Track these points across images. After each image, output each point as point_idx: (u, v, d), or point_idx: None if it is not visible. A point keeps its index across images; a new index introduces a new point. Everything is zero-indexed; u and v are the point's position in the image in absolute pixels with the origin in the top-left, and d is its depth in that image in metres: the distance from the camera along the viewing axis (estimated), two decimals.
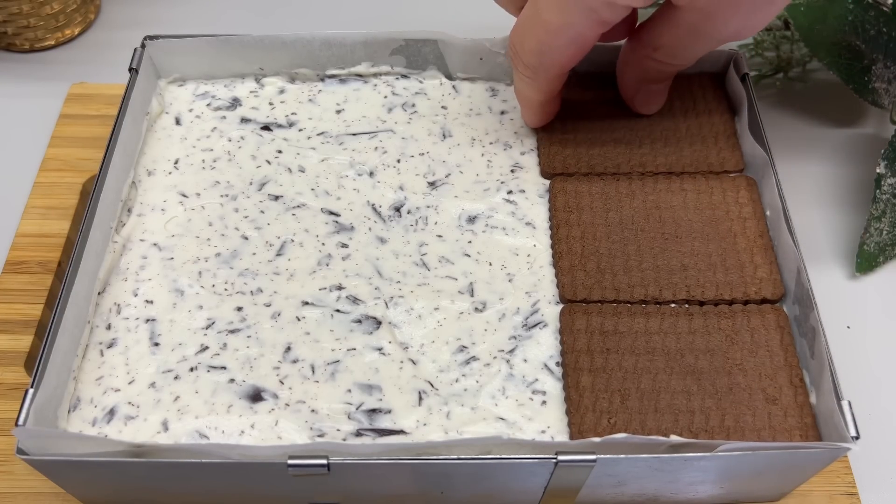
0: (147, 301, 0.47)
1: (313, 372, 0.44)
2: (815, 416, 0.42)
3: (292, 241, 0.49)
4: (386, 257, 0.48)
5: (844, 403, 0.40)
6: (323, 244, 0.49)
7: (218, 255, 0.48)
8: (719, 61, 0.56)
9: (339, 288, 0.47)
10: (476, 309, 0.47)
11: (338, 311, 0.46)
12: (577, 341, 0.44)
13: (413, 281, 0.47)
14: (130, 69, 0.52)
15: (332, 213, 0.50)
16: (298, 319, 0.46)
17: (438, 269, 0.48)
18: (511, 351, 0.45)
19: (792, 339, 0.45)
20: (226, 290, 0.47)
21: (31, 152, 0.58)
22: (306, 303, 0.47)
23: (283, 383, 0.44)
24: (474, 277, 0.48)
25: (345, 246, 0.49)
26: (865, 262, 0.53)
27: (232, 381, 0.44)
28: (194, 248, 0.49)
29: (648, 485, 0.41)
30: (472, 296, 0.47)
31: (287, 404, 0.43)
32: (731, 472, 0.40)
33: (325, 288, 0.47)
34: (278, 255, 0.48)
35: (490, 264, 0.48)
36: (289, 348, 0.45)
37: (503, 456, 0.38)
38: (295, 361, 0.45)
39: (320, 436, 0.42)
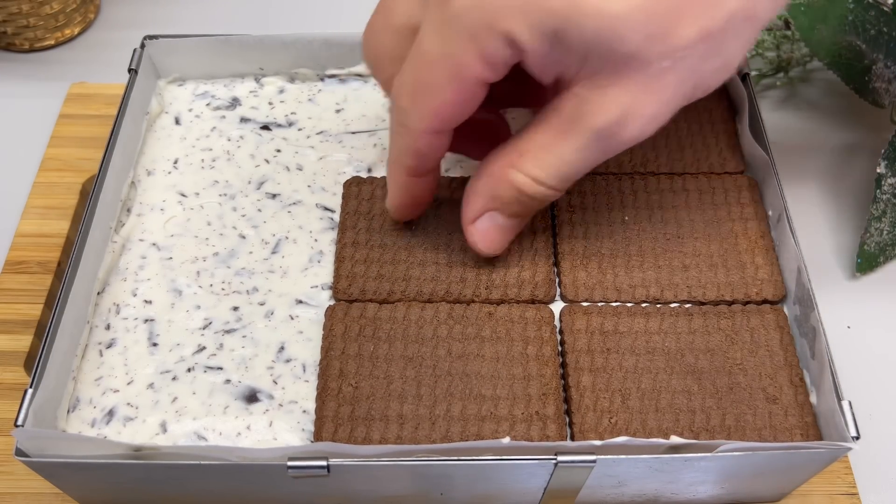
0: (146, 301, 0.46)
1: (304, 371, 0.44)
2: (815, 415, 0.42)
3: (286, 238, 0.49)
4: None
5: (845, 403, 0.40)
6: (315, 240, 0.49)
7: (216, 255, 0.48)
8: None
9: (333, 286, 0.47)
10: None
11: None
12: (578, 341, 0.44)
13: None
14: (130, 69, 0.52)
15: (326, 209, 0.50)
16: (292, 318, 0.46)
17: None
18: None
19: (791, 338, 0.44)
20: (223, 289, 0.47)
21: (30, 152, 0.58)
22: (299, 301, 0.46)
23: (276, 383, 0.44)
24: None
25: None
26: (866, 262, 0.53)
27: (228, 381, 0.44)
28: (193, 247, 0.49)
29: (648, 485, 0.41)
30: None
31: (280, 405, 0.43)
32: (731, 472, 0.40)
33: (317, 286, 0.47)
34: (273, 252, 0.48)
35: None
36: (282, 348, 0.45)
37: (503, 457, 0.38)
38: (288, 361, 0.45)
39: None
